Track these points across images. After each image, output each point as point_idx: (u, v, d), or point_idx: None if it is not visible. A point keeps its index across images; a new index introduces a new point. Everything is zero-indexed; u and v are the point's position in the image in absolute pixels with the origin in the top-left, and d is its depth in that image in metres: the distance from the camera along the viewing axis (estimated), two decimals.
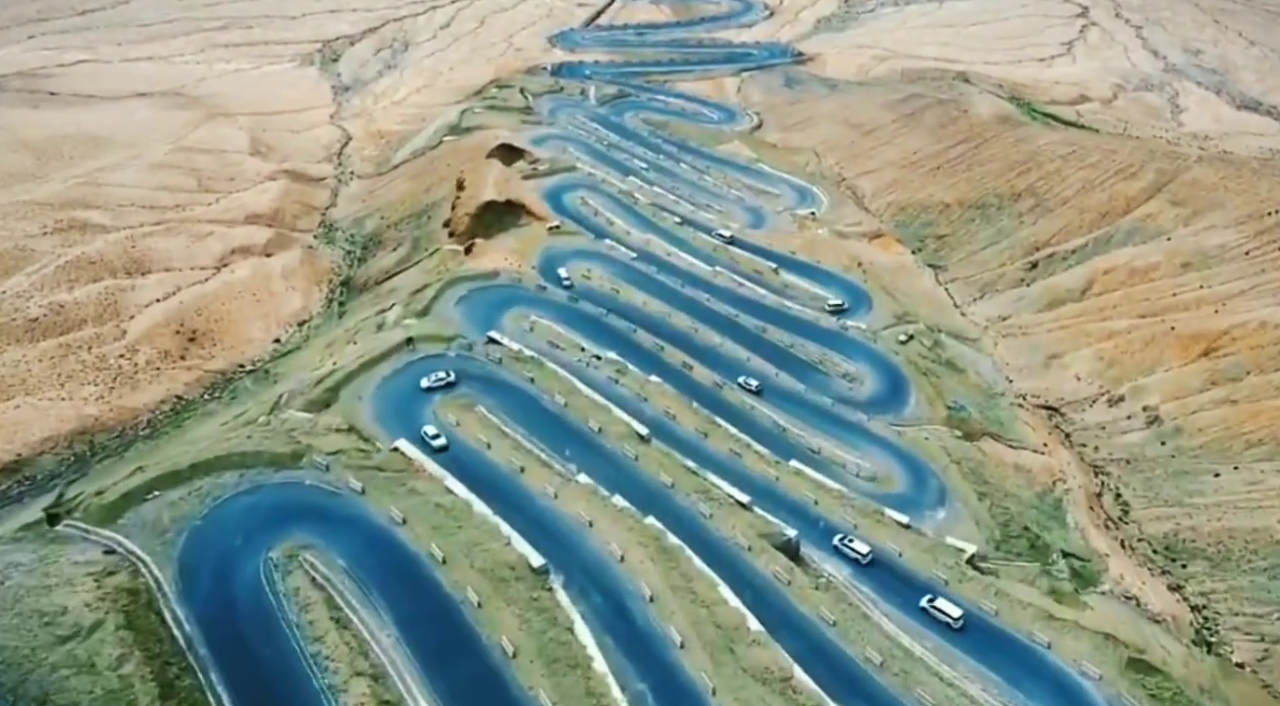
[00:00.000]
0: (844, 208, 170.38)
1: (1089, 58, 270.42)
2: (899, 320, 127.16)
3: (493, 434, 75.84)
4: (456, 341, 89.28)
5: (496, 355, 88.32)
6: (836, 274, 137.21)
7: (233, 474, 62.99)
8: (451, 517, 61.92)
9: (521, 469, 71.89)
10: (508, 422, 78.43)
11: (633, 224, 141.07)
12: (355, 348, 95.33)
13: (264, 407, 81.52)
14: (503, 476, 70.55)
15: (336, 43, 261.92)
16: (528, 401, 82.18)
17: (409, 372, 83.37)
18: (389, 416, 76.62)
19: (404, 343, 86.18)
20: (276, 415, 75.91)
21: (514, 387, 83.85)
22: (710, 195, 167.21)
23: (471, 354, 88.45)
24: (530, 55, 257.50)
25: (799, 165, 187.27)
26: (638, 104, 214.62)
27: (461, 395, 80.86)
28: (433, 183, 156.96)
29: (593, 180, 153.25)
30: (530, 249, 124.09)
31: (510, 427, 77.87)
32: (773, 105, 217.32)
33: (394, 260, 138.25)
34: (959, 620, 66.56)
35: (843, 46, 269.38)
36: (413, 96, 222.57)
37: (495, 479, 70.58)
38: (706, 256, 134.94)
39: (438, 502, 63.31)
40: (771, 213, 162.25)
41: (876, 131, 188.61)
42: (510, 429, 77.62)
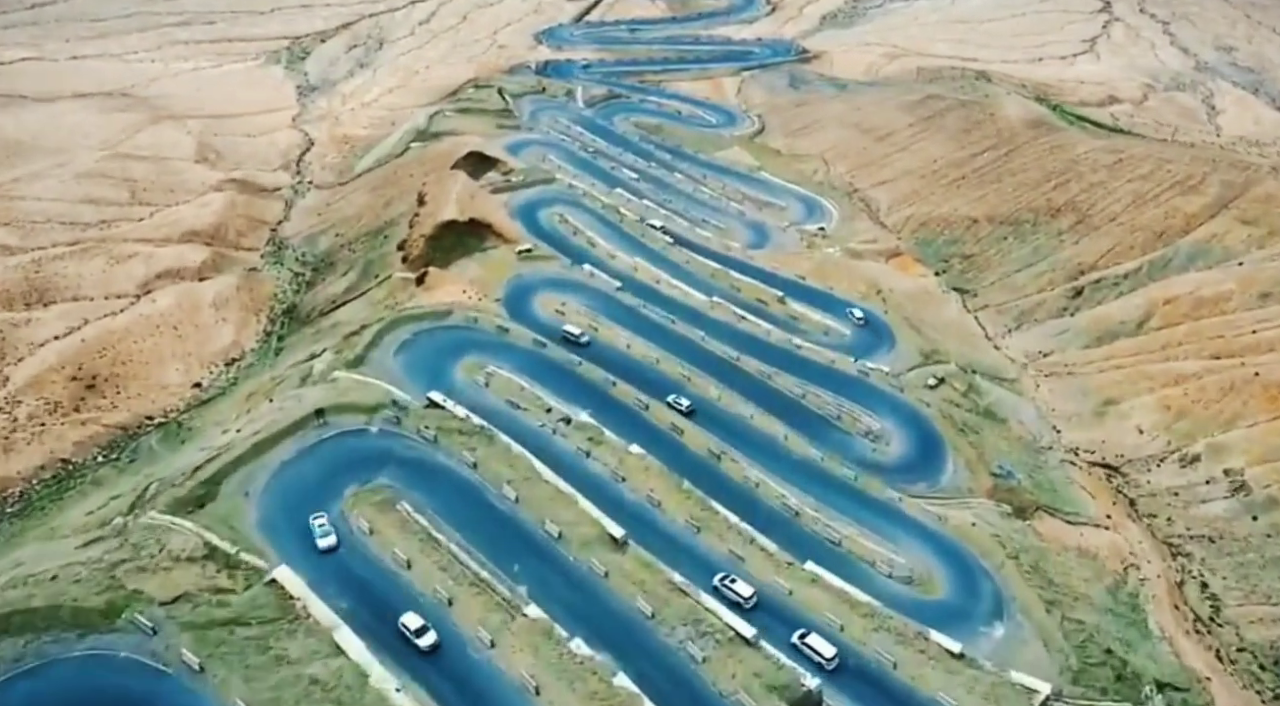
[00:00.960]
0: (857, 222, 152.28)
1: (1114, 55, 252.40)
2: (926, 359, 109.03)
3: (416, 545, 57.45)
4: (382, 412, 70.67)
5: (433, 429, 69.75)
6: (852, 303, 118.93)
7: (12, 642, 44.51)
8: (334, 702, 43.72)
9: (449, 600, 53.54)
10: (440, 526, 60.02)
11: (618, 245, 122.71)
12: (266, 410, 76.85)
13: (127, 501, 63.17)
14: (422, 615, 52.09)
15: (306, 39, 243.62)
16: (468, 494, 63.81)
17: (317, 456, 64.87)
18: (279, 523, 58.21)
19: (312, 415, 67.68)
20: (135, 518, 57.65)
21: (452, 475, 65.40)
22: (707, 209, 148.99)
23: (400, 428, 69.86)
24: (515, 53, 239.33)
25: (806, 174, 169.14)
26: (629, 106, 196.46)
27: (381, 487, 62.38)
28: (393, 196, 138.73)
29: (573, 194, 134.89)
30: (495, 278, 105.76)
31: (443, 533, 59.45)
32: (776, 107, 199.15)
33: (343, 287, 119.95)
34: None
35: (850, 44, 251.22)
36: (384, 97, 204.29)
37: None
38: (702, 284, 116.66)
39: (315, 676, 45.01)
40: (776, 229, 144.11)
41: (891, 137, 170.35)
42: (442, 535, 59.18)
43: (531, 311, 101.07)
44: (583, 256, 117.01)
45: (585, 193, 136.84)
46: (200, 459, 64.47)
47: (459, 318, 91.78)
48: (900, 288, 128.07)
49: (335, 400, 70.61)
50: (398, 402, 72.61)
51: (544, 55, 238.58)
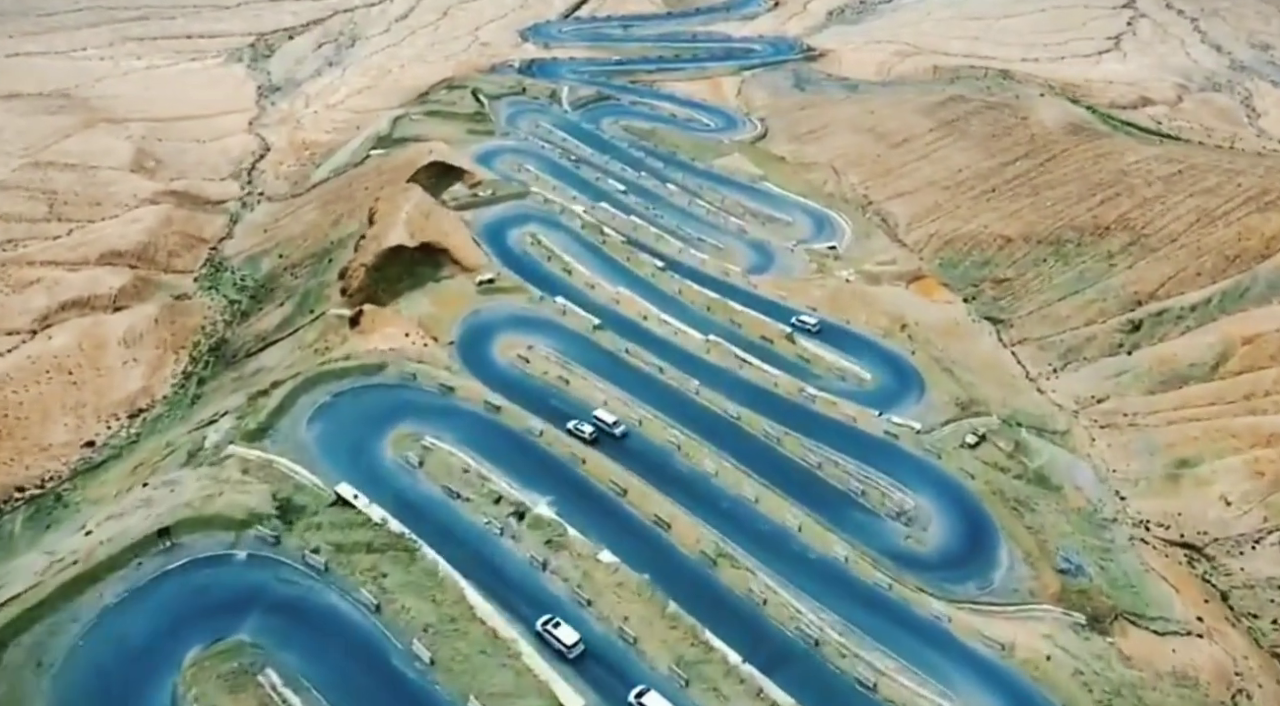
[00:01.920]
0: (872, 240, 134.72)
1: (1141, 54, 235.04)
2: (963, 410, 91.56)
3: None
4: (255, 528, 52.97)
5: (326, 550, 52.05)
6: (873, 340, 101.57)
7: None
8: None
9: None
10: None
11: (599, 271, 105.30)
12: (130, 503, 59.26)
13: None
14: None
15: (273, 36, 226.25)
16: (364, 654, 46.26)
17: (153, 600, 47.11)
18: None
19: (155, 536, 50.12)
20: None
21: (344, 625, 47.83)
22: (703, 225, 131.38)
23: (279, 550, 52.16)
24: (498, 51, 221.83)
25: (814, 184, 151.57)
26: (619, 108, 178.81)
27: (239, 649, 44.81)
28: (343, 213, 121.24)
29: (549, 210, 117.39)
30: (448, 315, 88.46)
31: None
32: (780, 110, 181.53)
33: (277, 320, 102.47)
34: None
35: (859, 42, 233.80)
36: (352, 99, 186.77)
37: None
38: (697, 318, 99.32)
39: None
40: (782, 249, 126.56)
41: (910, 143, 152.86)
42: None
43: (489, 358, 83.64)
44: (557, 286, 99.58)
45: (564, 209, 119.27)
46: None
47: (394, 372, 74.19)
48: (927, 319, 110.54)
49: (197, 508, 52.89)
50: (285, 507, 54.80)
51: (530, 53, 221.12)
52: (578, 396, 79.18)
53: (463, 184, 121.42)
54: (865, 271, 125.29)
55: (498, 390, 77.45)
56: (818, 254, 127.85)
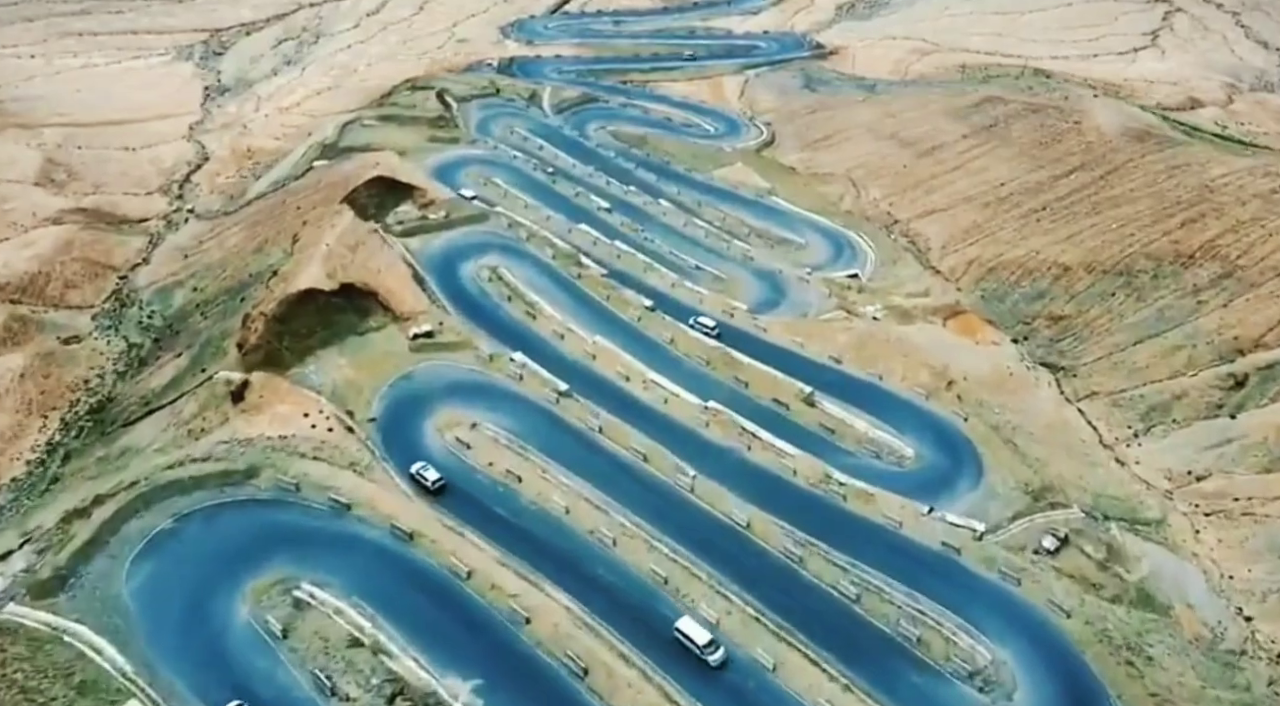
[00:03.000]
0: (900, 267, 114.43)
1: (1181, 51, 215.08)
2: (1034, 499, 71.43)
3: None
4: None
5: None
6: (913, 401, 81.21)
7: None
8: None
9: None
10: None
11: (572, 315, 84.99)
12: None
13: None
14: None
15: (230, 33, 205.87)
16: None
17: None
18: None
19: None
20: None
21: None
22: (701, 250, 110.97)
23: None
24: (477, 49, 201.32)
25: (829, 199, 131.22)
26: (607, 111, 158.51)
27: None
28: (267, 239, 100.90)
29: (515, 236, 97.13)
30: (370, 382, 68.13)
31: None
32: (789, 113, 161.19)
33: (168, 377, 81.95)
34: None
35: (872, 38, 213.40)
36: (310, 101, 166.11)
37: None
38: (693, 377, 79.12)
39: None
40: (794, 279, 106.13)
41: (940, 151, 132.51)
42: None
43: (418, 443, 63.21)
44: (517, 336, 79.25)
45: (533, 233, 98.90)
46: None
47: (269, 481, 53.59)
48: (974, 370, 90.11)
49: None
50: None
51: (511, 51, 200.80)
52: (530, 501, 58.79)
53: (412, 203, 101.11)
54: (895, 306, 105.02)
55: (421, 496, 56.96)
56: (837, 285, 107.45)
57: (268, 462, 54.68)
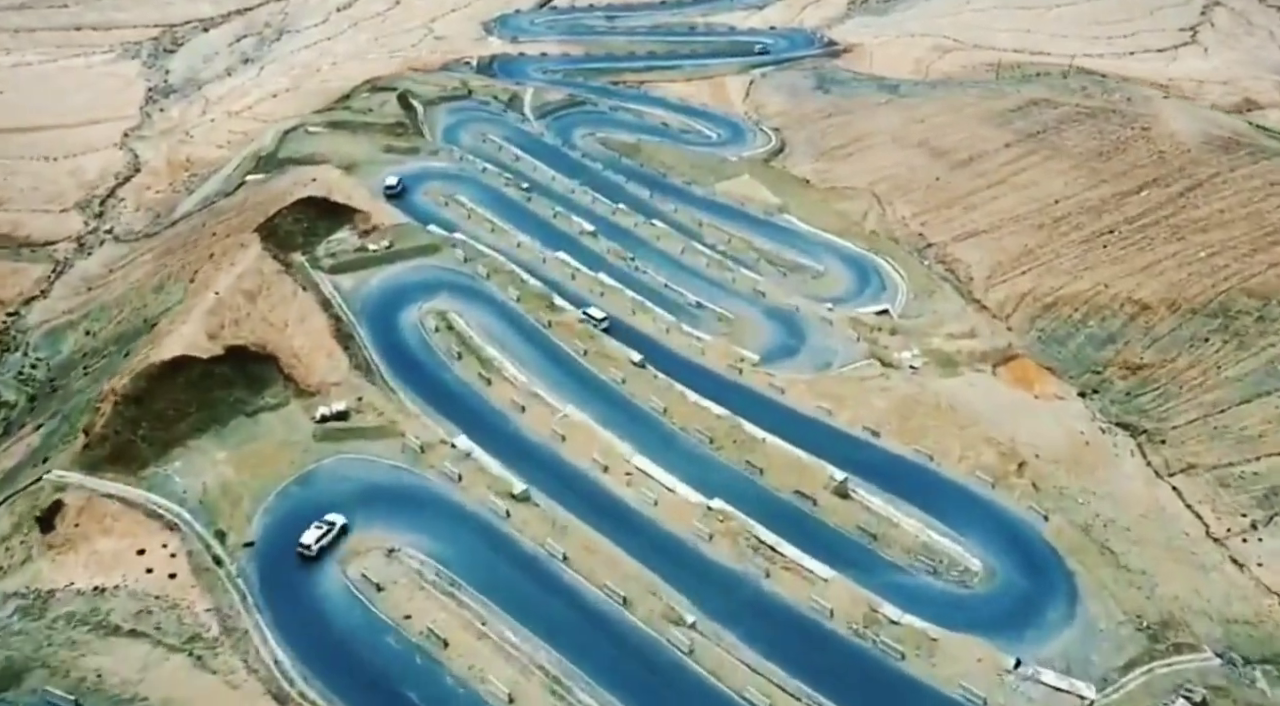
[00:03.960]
0: (938, 300, 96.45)
1: (1225, 48, 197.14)
2: (1151, 637, 53.43)
3: None
4: None
5: None
6: (977, 492, 63.15)
7: None
8: None
9: None
10: None
11: (539, 377, 66.97)
12: None
13: None
14: None
15: (185, 28, 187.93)
16: None
17: None
18: None
19: None
20: None
21: None
22: (701, 282, 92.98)
23: None
24: (456, 46, 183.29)
25: (850, 218, 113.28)
26: (595, 116, 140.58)
27: None
28: (174, 272, 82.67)
29: (474, 271, 78.94)
30: (255, 485, 50.39)
31: None
32: (801, 117, 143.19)
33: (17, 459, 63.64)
34: None
35: (889, 34, 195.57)
36: (264, 104, 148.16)
37: None
38: (692, 462, 61.12)
39: None
40: (814, 317, 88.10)
41: (979, 162, 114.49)
42: None
43: (309, 584, 45.08)
44: (464, 411, 61.29)
45: (497, 268, 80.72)
46: None
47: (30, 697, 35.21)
48: (1047, 440, 72.13)
49: None
50: None
51: (494, 49, 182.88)
52: (459, 680, 40.73)
53: (351, 230, 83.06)
54: (935, 351, 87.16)
55: (298, 678, 38.85)
56: (865, 325, 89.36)
57: (44, 653, 36.52)
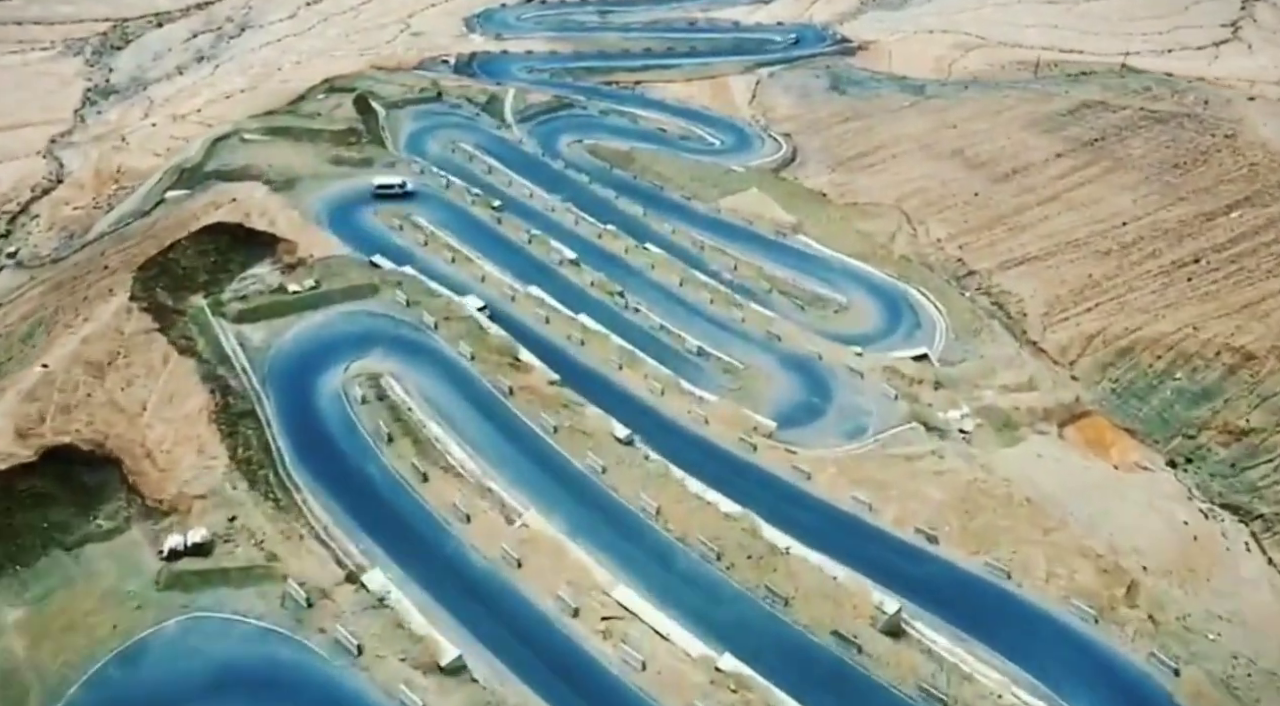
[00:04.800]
0: (986, 342, 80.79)
1: (1271, 45, 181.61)
2: None
3: None
4: None
5: None
6: (1076, 629, 47.27)
7: None
8: None
9: None
10: None
11: (491, 467, 51.05)
12: None
13: None
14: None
15: (138, 23, 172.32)
16: None
17: None
18: None
19: None
20: None
21: None
22: (704, 321, 77.29)
23: None
24: (435, 43, 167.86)
25: (876, 240, 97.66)
26: (584, 120, 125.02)
27: None
28: (48, 316, 66.42)
29: (417, 321, 62.91)
30: (50, 673, 33.96)
31: None
32: (814, 122, 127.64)
33: None
34: None
35: (906, 31, 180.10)
36: (214, 106, 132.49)
37: None
38: (693, 590, 45.35)
39: None
40: (840, 368, 72.45)
41: (1026, 175, 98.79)
42: None
43: None
44: (388, 526, 45.35)
45: (450, 312, 64.75)
46: None
47: None
48: (1152, 543, 56.24)
49: None
50: None
51: (476, 45, 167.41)
52: None
53: (274, 263, 67.24)
54: (988, 408, 71.51)
55: None
56: (901, 374, 73.70)
57: None
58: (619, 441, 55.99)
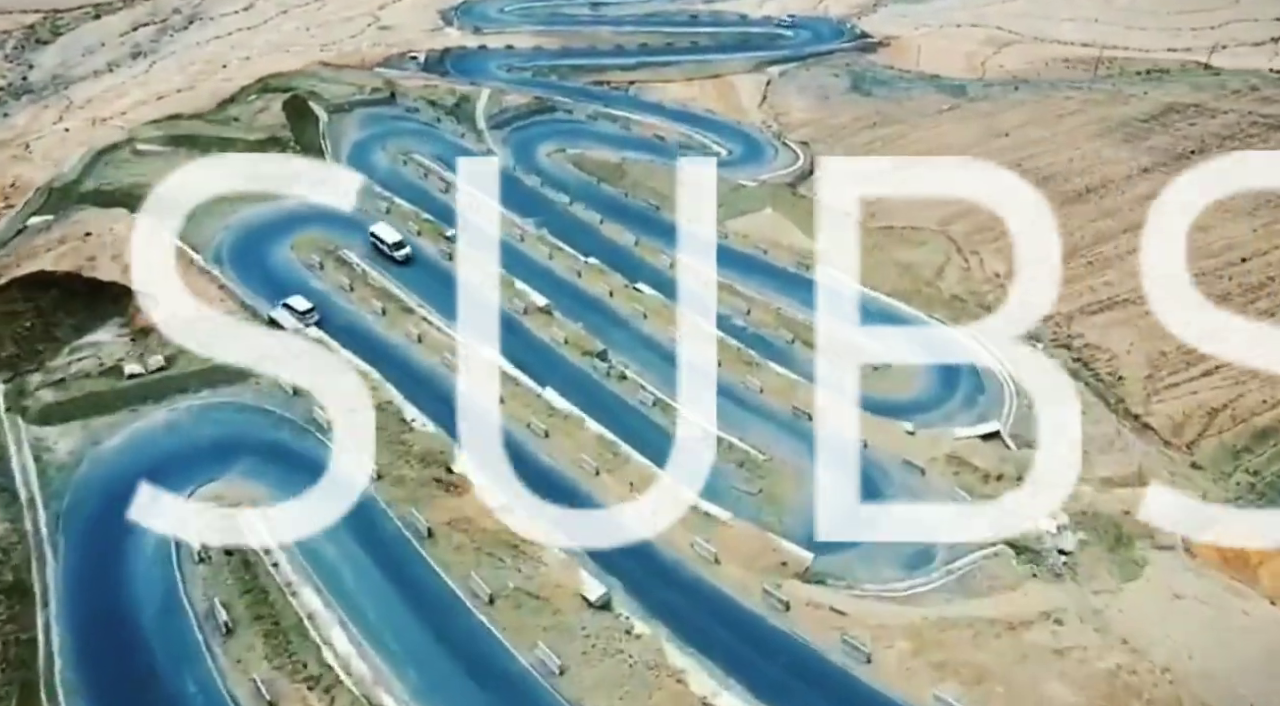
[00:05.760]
0: (1070, 413, 62.27)
1: None
2: None
3: None
4: None
5: None
6: None
7: None
8: None
9: None
10: None
11: (380, 649, 32.61)
12: None
13: None
14: None
15: (74, 15, 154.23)
16: None
17: None
18: None
19: None
20: None
21: None
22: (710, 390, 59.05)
23: None
24: (406, 38, 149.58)
25: (918, 274, 79.58)
26: (568, 126, 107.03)
27: None
28: None
29: (304, 418, 44.39)
30: None
31: None
32: (835, 128, 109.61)
33: None
34: None
35: (931, 26, 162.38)
36: (141, 108, 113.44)
37: None
38: None
39: None
40: (888, 455, 54.49)
41: (1105, 195, 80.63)
42: None
43: None
44: None
45: (361, 401, 46.39)
46: None
47: None
48: None
49: None
50: None
51: (452, 40, 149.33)
52: None
53: (121, 328, 48.87)
54: (1088, 514, 53.49)
55: None
56: (972, 467, 55.58)
57: None
58: (590, 605, 37.96)
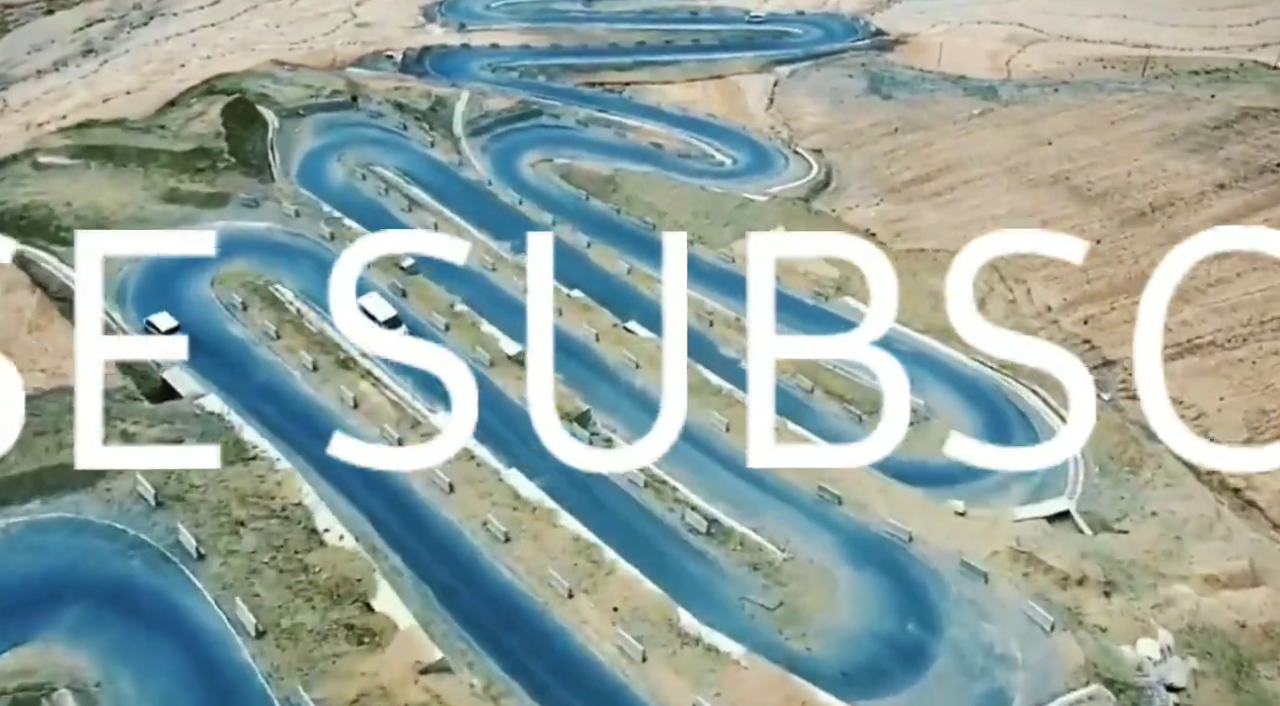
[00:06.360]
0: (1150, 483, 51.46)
1: None
2: None
3: None
4: None
5: None
6: None
7: None
8: None
9: None
10: None
11: None
12: None
13: None
14: None
15: (26, 9, 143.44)
16: None
17: None
18: None
19: None
20: None
21: None
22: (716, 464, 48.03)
23: None
24: (384, 35, 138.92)
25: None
26: (555, 132, 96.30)
27: None
28: None
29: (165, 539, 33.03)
30: None
31: None
32: (852, 135, 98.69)
33: None
34: None
35: (950, 23, 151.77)
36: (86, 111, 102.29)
37: None
38: None
39: None
40: (938, 555, 43.52)
41: (1171, 215, 69.52)
42: None
43: None
44: None
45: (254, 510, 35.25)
46: None
47: None
48: None
49: None
50: None
51: (435, 38, 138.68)
52: None
53: None
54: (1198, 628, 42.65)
55: None
56: (1043, 566, 44.61)
57: None
58: None
